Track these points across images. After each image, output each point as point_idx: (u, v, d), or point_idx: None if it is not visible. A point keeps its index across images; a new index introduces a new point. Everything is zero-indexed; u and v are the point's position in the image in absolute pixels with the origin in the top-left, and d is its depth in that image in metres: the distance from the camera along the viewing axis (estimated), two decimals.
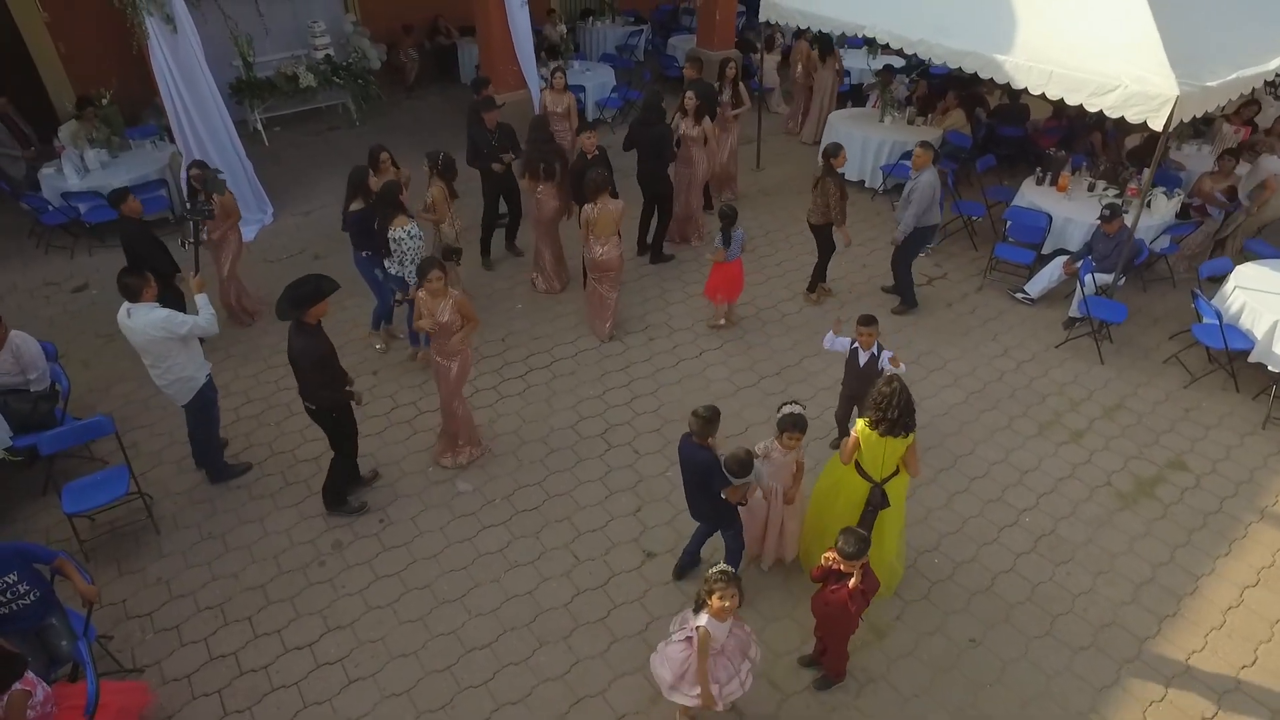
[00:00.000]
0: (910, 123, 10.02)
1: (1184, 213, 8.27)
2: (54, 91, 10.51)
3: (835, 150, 6.92)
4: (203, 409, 5.50)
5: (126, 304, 5.17)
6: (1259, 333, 6.42)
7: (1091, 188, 8.22)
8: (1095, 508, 5.57)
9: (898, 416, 4.24)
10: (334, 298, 4.89)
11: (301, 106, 11.54)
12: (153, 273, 5.40)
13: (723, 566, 3.63)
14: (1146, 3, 6.83)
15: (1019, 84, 7.21)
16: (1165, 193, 7.94)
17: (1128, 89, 6.40)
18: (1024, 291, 7.76)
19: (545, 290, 7.87)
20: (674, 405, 6.47)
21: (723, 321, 7.37)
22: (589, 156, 7.23)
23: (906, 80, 11.14)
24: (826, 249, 7.39)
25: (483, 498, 5.63)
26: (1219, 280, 7.22)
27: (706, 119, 7.89)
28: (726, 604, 3.56)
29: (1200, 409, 6.46)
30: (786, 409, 4.59)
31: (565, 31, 12.32)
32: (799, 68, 11.71)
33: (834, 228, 7.14)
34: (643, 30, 14.43)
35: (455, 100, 12.99)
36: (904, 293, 7.48)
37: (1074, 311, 7.34)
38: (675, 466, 5.77)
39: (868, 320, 5.37)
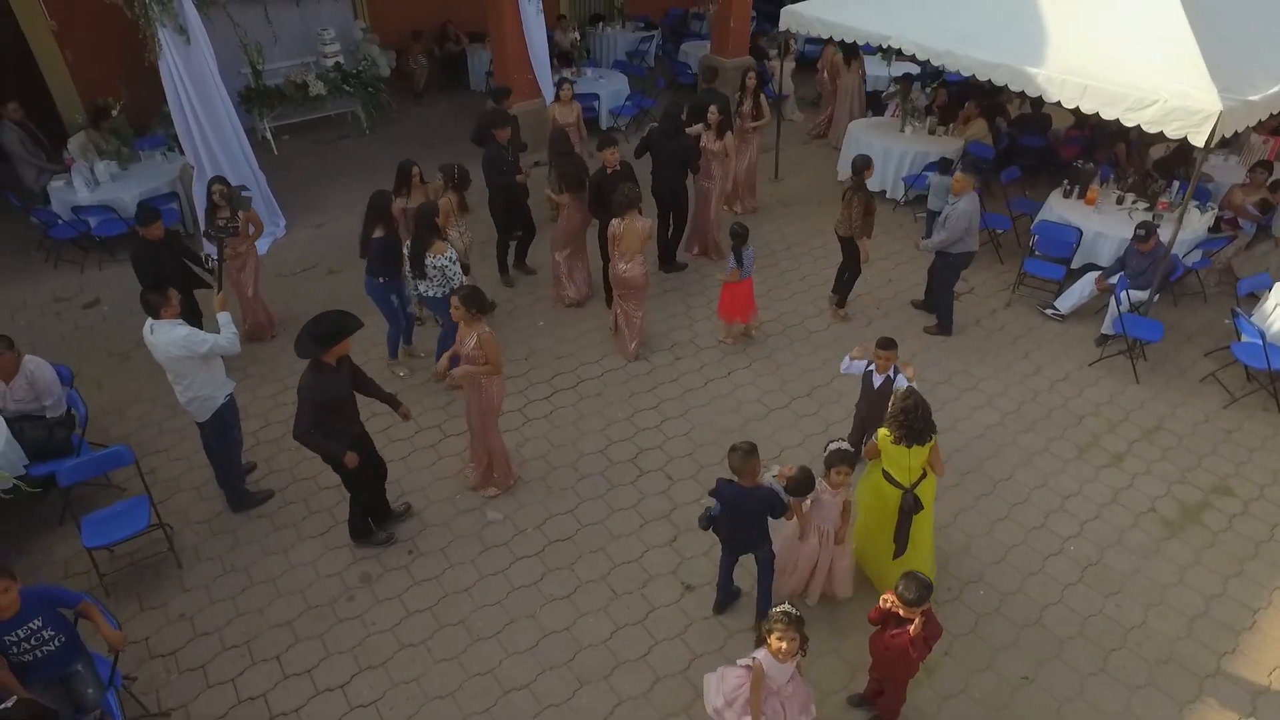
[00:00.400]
0: (931, 133, 9.88)
1: (1215, 225, 8.14)
2: (61, 101, 10.32)
3: (865, 164, 6.78)
4: (221, 429, 5.34)
5: (150, 319, 5.02)
6: None
7: (1120, 201, 8.10)
8: (1141, 535, 5.43)
9: (921, 428, 4.38)
10: (354, 311, 4.75)
11: (310, 115, 11.36)
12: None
13: (786, 608, 3.56)
14: (1183, 13, 6.74)
15: (1051, 97, 7.07)
16: (1198, 206, 7.81)
17: (1167, 104, 6.27)
18: (1054, 308, 7.62)
19: (576, 300, 7.74)
20: (705, 428, 6.32)
21: (730, 340, 7.23)
22: (609, 171, 7.09)
23: (925, 89, 11.01)
24: (855, 265, 7.25)
25: (514, 527, 5.48)
26: (1256, 296, 7.09)
27: (728, 133, 7.74)
28: (784, 645, 3.47)
29: (1242, 430, 6.33)
30: (833, 446, 4.45)
31: (578, 39, 12.16)
32: (824, 73, 11.61)
33: (856, 240, 7.00)
34: (653, 36, 14.29)
35: (465, 107, 12.84)
36: (942, 318, 7.33)
37: (1106, 329, 7.21)
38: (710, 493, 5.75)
39: (887, 344, 5.24)
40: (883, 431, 4.51)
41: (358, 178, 10.42)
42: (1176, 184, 8.19)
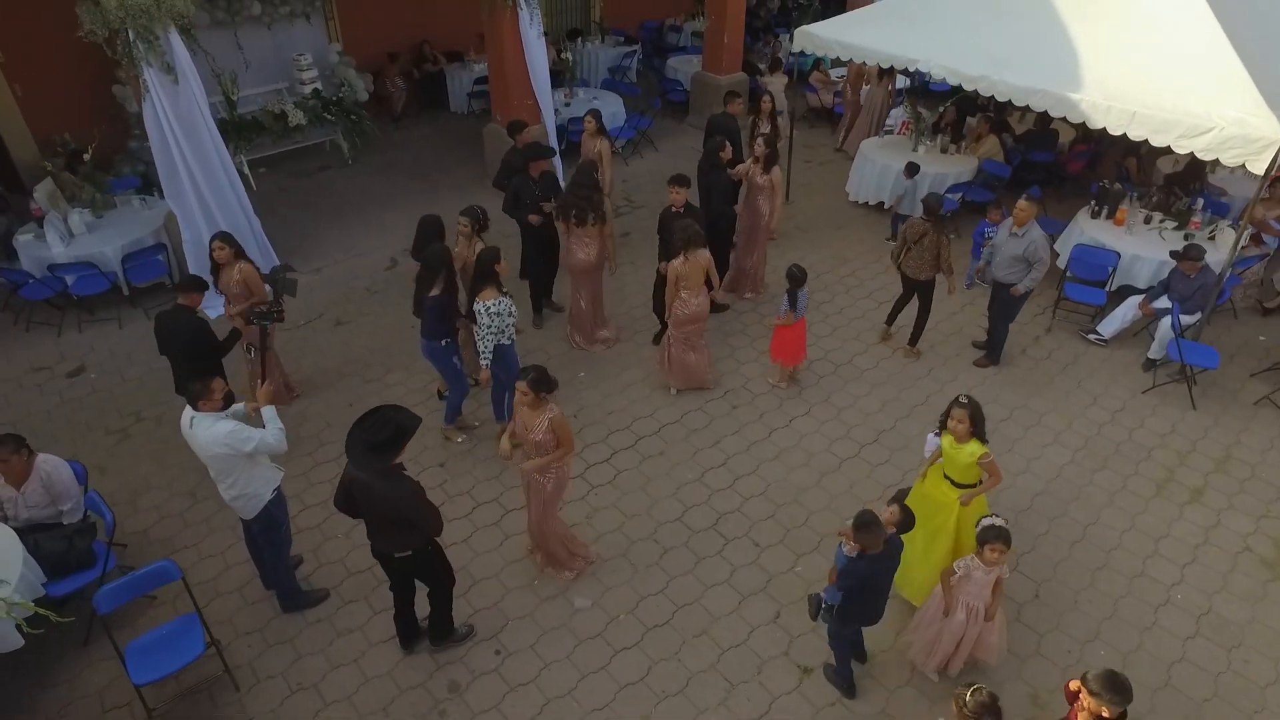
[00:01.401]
0: (943, 151, 9.78)
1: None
2: (11, 139, 9.38)
3: (939, 202, 6.58)
4: (270, 527, 4.78)
5: (190, 410, 4.44)
6: None
7: (1148, 220, 8.11)
8: (1245, 579, 5.34)
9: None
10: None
11: (288, 146, 10.62)
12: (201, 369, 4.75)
13: (979, 686, 3.40)
14: (1225, 37, 6.73)
15: (1096, 124, 6.98)
16: (1231, 226, 7.86)
17: (1225, 131, 6.22)
18: (1097, 332, 7.56)
19: (580, 346, 7.42)
20: (780, 486, 6.01)
21: (783, 384, 6.96)
22: (674, 210, 6.73)
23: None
24: (928, 305, 7.05)
25: (605, 614, 5.07)
26: None
27: (776, 168, 7.44)
28: None
29: None
30: (986, 521, 4.19)
31: (568, 57, 11.69)
32: (847, 85, 11.60)
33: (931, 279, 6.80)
34: (634, 51, 13.92)
35: (447, 131, 12.28)
36: (994, 349, 7.18)
37: (1154, 353, 7.18)
38: (804, 559, 5.45)
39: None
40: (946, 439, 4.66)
41: (350, 214, 9.80)
42: (1201, 201, 8.27)
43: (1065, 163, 10.02)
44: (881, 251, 9.04)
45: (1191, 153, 6.52)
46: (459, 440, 6.36)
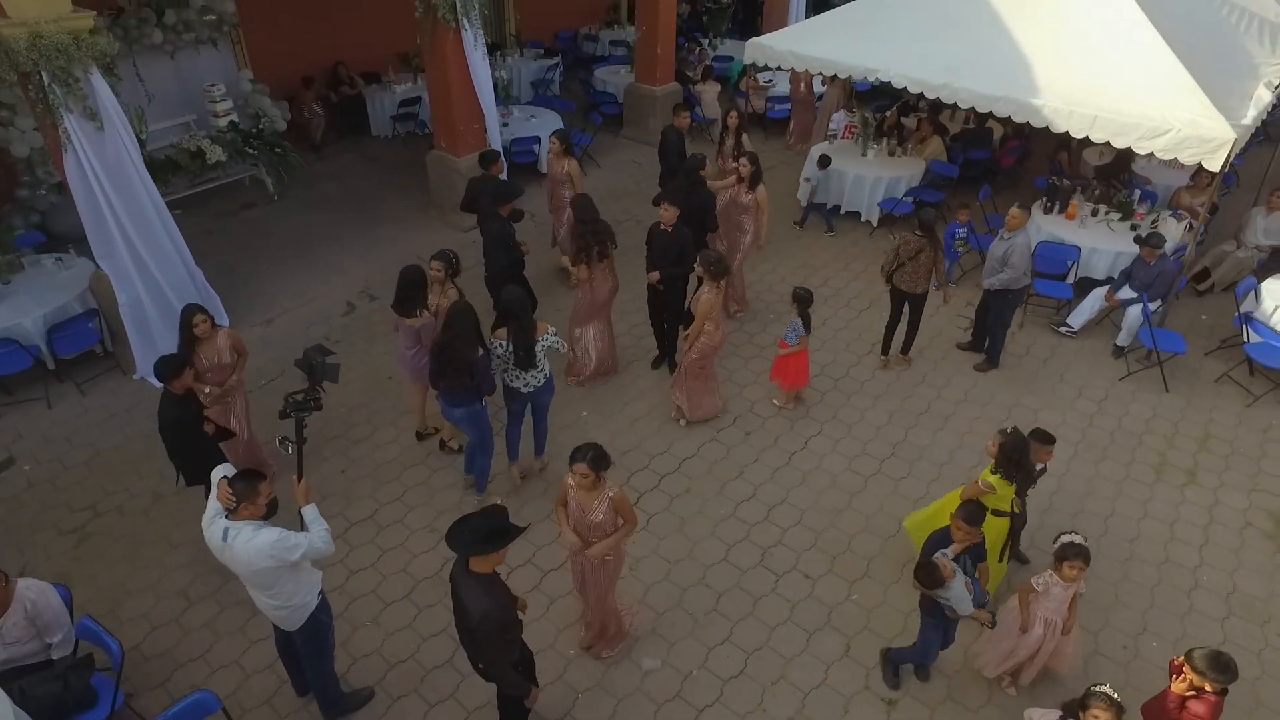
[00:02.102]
0: (891, 154, 10.01)
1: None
2: None
3: (935, 218, 6.66)
4: (316, 635, 4.29)
5: (222, 519, 3.90)
6: None
7: (1095, 213, 8.56)
8: (1255, 554, 5.69)
9: (1020, 460, 4.61)
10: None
11: (205, 185, 9.69)
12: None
13: (1108, 689, 3.46)
14: (1164, 42, 7.15)
15: (1059, 128, 7.30)
16: (1174, 215, 8.39)
17: (1181, 132, 6.62)
18: (1067, 325, 7.91)
19: (612, 369, 7.21)
20: (815, 512, 5.95)
21: (790, 405, 6.92)
22: (663, 228, 6.54)
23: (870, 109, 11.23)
24: (919, 317, 7.12)
25: (676, 672, 4.84)
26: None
27: (761, 188, 7.35)
28: None
29: (1275, 427, 6.83)
30: (1066, 538, 4.24)
31: (504, 77, 11.23)
32: (801, 86, 11.70)
33: (938, 287, 6.90)
34: (556, 63, 13.58)
35: (374, 158, 11.60)
36: (993, 352, 7.36)
37: (1121, 341, 7.59)
38: (857, 585, 5.40)
39: (1045, 438, 4.94)
40: (994, 476, 4.67)
41: (290, 256, 9.08)
42: (1138, 192, 8.82)
43: (999, 158, 10.47)
44: (850, 257, 9.17)
45: (1110, 144, 7.02)
46: (520, 479, 6.08)
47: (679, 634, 5.07)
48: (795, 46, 8.71)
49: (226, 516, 3.85)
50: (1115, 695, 3.45)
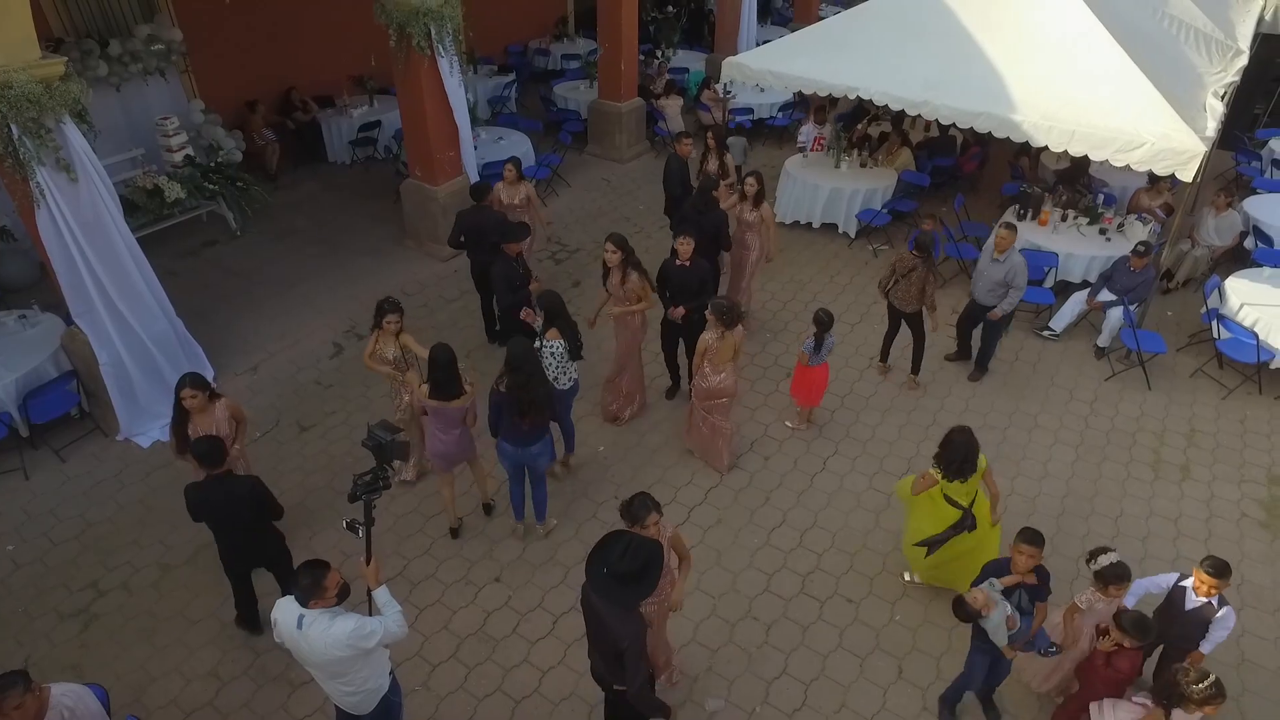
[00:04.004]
0: (863, 165, 10.22)
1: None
2: None
3: (931, 240, 6.80)
4: (388, 717, 4.14)
5: (295, 608, 3.69)
6: (1277, 343, 7.34)
7: (1064, 218, 8.92)
8: (1255, 543, 6.03)
9: (959, 465, 4.85)
10: None
11: (163, 224, 9.18)
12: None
13: (1216, 678, 3.77)
14: (1128, 58, 7.50)
15: (1039, 142, 7.58)
16: (1140, 219, 8.81)
17: (1155, 145, 6.96)
18: (1050, 329, 8.23)
19: (635, 415, 7.06)
20: (845, 534, 6.03)
21: (803, 426, 6.98)
22: (678, 263, 6.50)
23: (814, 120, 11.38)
24: (922, 334, 7.27)
25: (740, 710, 4.84)
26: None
27: (766, 205, 7.41)
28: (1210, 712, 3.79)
29: (1249, 418, 7.26)
30: (1105, 559, 4.37)
31: (472, 100, 10.96)
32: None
33: (927, 311, 7.01)
34: (512, 80, 13.38)
35: (335, 186, 11.22)
36: (984, 361, 7.59)
37: (1102, 342, 7.94)
38: (898, 605, 5.50)
39: (1221, 570, 4.52)
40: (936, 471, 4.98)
41: (265, 296, 8.69)
42: (1101, 196, 9.24)
43: (962, 164, 10.81)
44: (833, 270, 9.33)
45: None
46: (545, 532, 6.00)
47: (736, 670, 5.08)
48: (772, 65, 8.80)
49: (301, 603, 3.65)
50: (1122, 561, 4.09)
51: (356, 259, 9.37)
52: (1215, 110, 7.68)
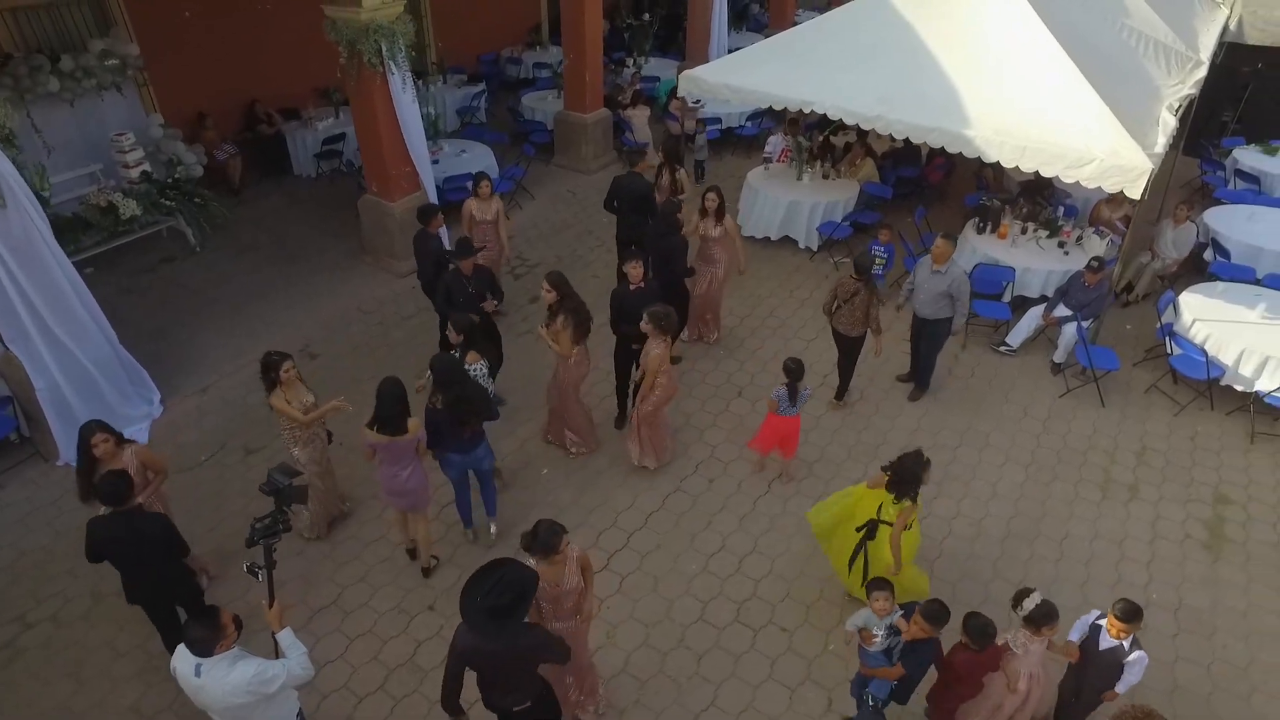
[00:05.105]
0: (825, 177, 10.18)
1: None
2: None
3: (869, 262, 6.75)
4: None
5: (192, 656, 3.65)
6: (1227, 359, 7.29)
7: (1024, 231, 8.88)
8: (1197, 566, 5.99)
9: (900, 484, 4.97)
10: None
11: (120, 240, 9.12)
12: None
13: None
14: (1083, 76, 7.45)
15: (990, 158, 7.54)
16: (1096, 233, 8.77)
17: (1104, 162, 6.92)
18: (1006, 344, 8.19)
19: (582, 452, 6.89)
20: (785, 559, 5.99)
21: (760, 470, 6.73)
22: (632, 288, 6.47)
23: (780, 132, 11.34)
24: (852, 361, 7.21)
25: None
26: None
27: (729, 218, 7.39)
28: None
29: (1200, 434, 7.22)
30: (1030, 602, 4.30)
31: (433, 114, 10.90)
32: None
33: (872, 334, 6.94)
34: (481, 90, 13.32)
35: (299, 200, 11.16)
36: (924, 378, 7.55)
37: (1057, 358, 7.90)
38: (832, 635, 5.46)
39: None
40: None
41: (220, 314, 8.64)
42: (1062, 209, 9.20)
43: (927, 174, 10.77)
44: (793, 284, 9.28)
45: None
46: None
47: (664, 702, 5.03)
48: (729, 79, 8.75)
49: (201, 656, 3.60)
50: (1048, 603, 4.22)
51: (315, 276, 9.32)
52: (1167, 125, 7.62)
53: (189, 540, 4.90)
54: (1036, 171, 9.40)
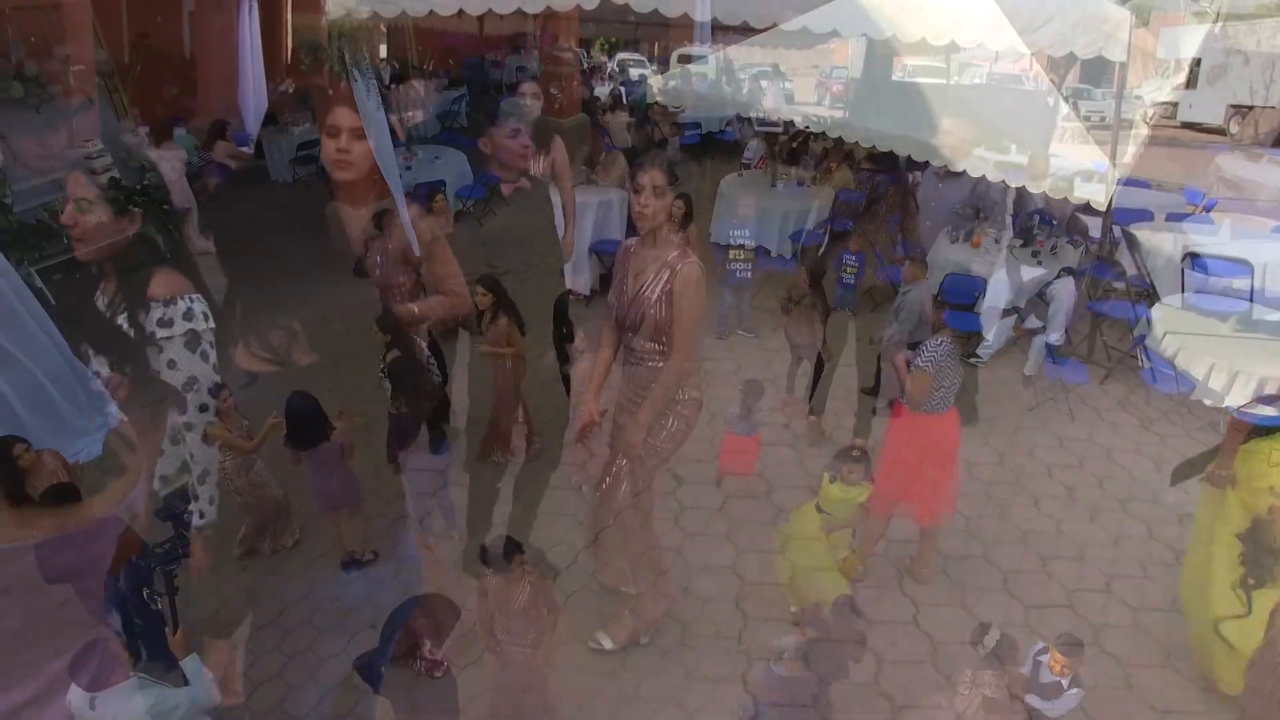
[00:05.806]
0: (800, 184, 10.09)
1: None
2: None
3: (821, 270, 6.68)
4: None
5: (83, 691, 3.57)
6: (1198, 374, 7.17)
7: (997, 240, 8.77)
8: (1154, 589, 5.88)
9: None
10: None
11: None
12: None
13: None
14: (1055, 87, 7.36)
15: (957, 167, 7.45)
16: (1071, 242, 8.66)
17: (1066, 172, 6.84)
18: (977, 355, 8.10)
19: (532, 457, 6.90)
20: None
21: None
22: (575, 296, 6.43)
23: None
24: (818, 369, 7.12)
25: None
26: None
27: (692, 225, 7.30)
28: None
29: (1167, 449, 7.12)
30: (991, 638, 4.17)
31: (411, 116, 10.86)
32: None
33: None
34: (463, 94, 13.28)
35: (272, 206, 10.97)
36: (875, 388, 7.43)
37: (1029, 370, 7.82)
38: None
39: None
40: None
41: None
42: (1037, 217, 9.08)
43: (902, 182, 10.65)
44: (764, 295, 9.18)
45: None
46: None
47: None
48: (696, 86, 8.67)
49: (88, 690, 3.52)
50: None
51: (282, 283, 9.17)
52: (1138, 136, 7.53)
53: None
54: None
